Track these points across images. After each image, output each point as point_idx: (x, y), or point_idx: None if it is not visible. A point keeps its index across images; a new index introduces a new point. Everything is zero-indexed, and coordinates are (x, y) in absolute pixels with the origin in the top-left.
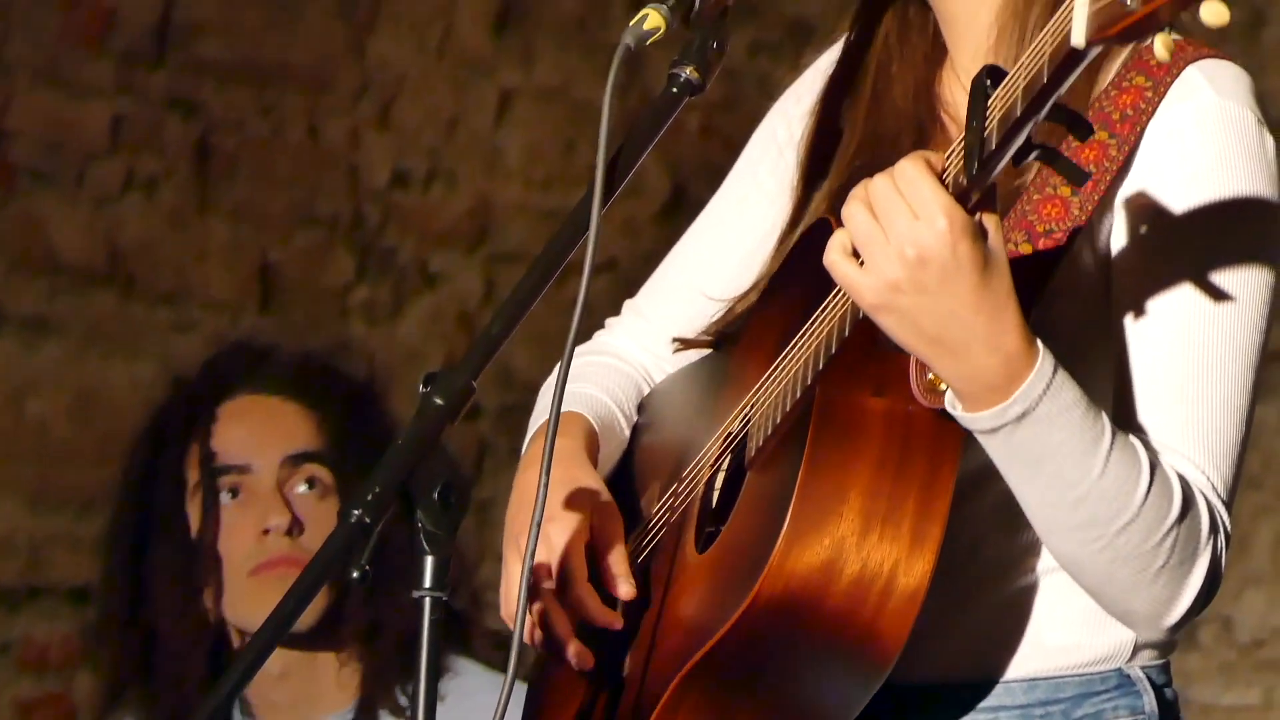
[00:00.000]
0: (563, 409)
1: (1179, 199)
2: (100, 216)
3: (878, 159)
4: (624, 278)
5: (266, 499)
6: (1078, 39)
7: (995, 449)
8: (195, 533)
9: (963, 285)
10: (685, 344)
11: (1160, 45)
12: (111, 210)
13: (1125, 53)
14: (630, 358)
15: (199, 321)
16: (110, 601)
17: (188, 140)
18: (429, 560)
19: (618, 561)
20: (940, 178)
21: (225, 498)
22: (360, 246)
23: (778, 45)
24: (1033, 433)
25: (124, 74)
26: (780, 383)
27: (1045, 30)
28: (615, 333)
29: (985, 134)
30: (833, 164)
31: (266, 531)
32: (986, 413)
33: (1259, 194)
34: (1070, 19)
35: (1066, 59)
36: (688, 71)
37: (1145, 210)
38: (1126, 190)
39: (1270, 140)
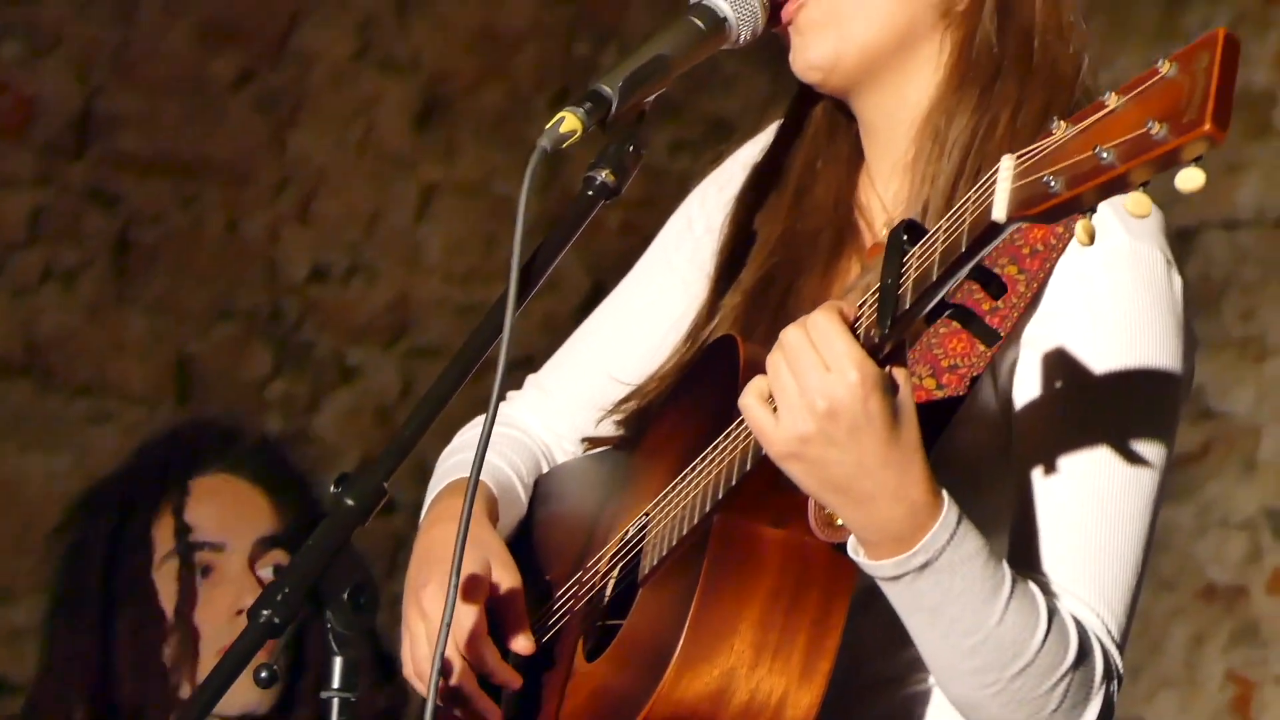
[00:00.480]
0: (458, 477)
1: (1085, 345)
2: (18, 307)
3: (795, 255)
4: None
5: (240, 580)
6: (998, 214)
7: (896, 595)
8: (166, 603)
9: (872, 439)
10: (594, 443)
11: (1081, 230)
12: (29, 301)
13: None
14: (532, 432)
15: (116, 414)
16: (68, 669)
17: (107, 232)
18: (338, 661)
19: (517, 619)
20: (853, 328)
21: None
22: (278, 340)
23: (698, 143)
24: (934, 581)
25: (44, 165)
26: (679, 504)
27: (967, 198)
28: (517, 405)
29: (900, 291)
30: (750, 258)
31: (240, 612)
32: (889, 561)
33: (1164, 343)
34: (993, 191)
35: (986, 231)
36: (603, 175)
37: (1050, 352)
38: (1033, 329)
39: (1179, 281)
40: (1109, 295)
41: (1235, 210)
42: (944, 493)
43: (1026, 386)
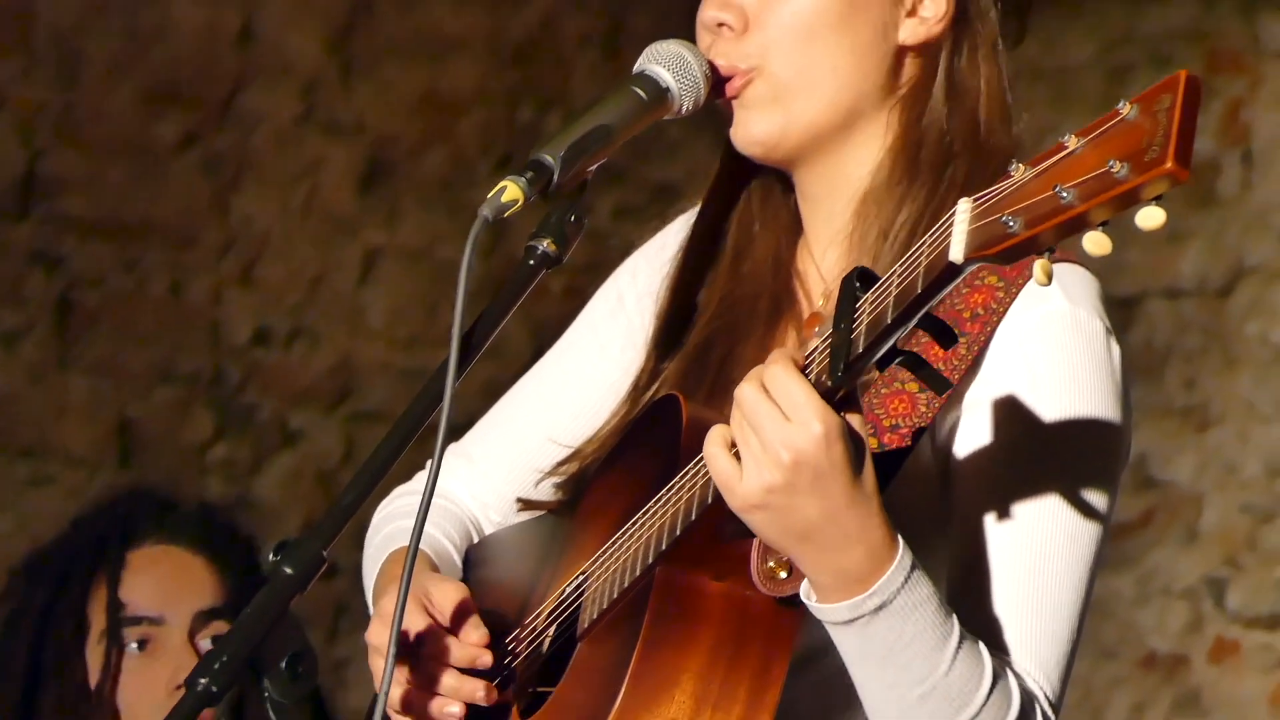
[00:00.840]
0: (396, 546)
1: (1024, 408)
2: None
3: (734, 320)
4: None
5: (178, 654)
6: (956, 255)
7: (847, 640)
8: (94, 682)
9: (836, 486)
10: (527, 505)
11: (1039, 270)
12: None
13: None
14: (460, 501)
15: (58, 477)
16: None
17: (49, 294)
18: None
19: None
20: (806, 376)
21: (132, 648)
22: (220, 403)
23: (642, 209)
24: (887, 625)
25: None
26: (619, 558)
27: (923, 241)
28: (443, 475)
29: (853, 336)
30: (690, 325)
31: (179, 687)
32: (844, 604)
33: (1103, 408)
34: (950, 233)
35: (943, 273)
36: (545, 245)
37: (990, 415)
38: (974, 392)
39: (1117, 349)
40: (1048, 358)
41: (1178, 279)
42: (899, 536)
43: (965, 448)
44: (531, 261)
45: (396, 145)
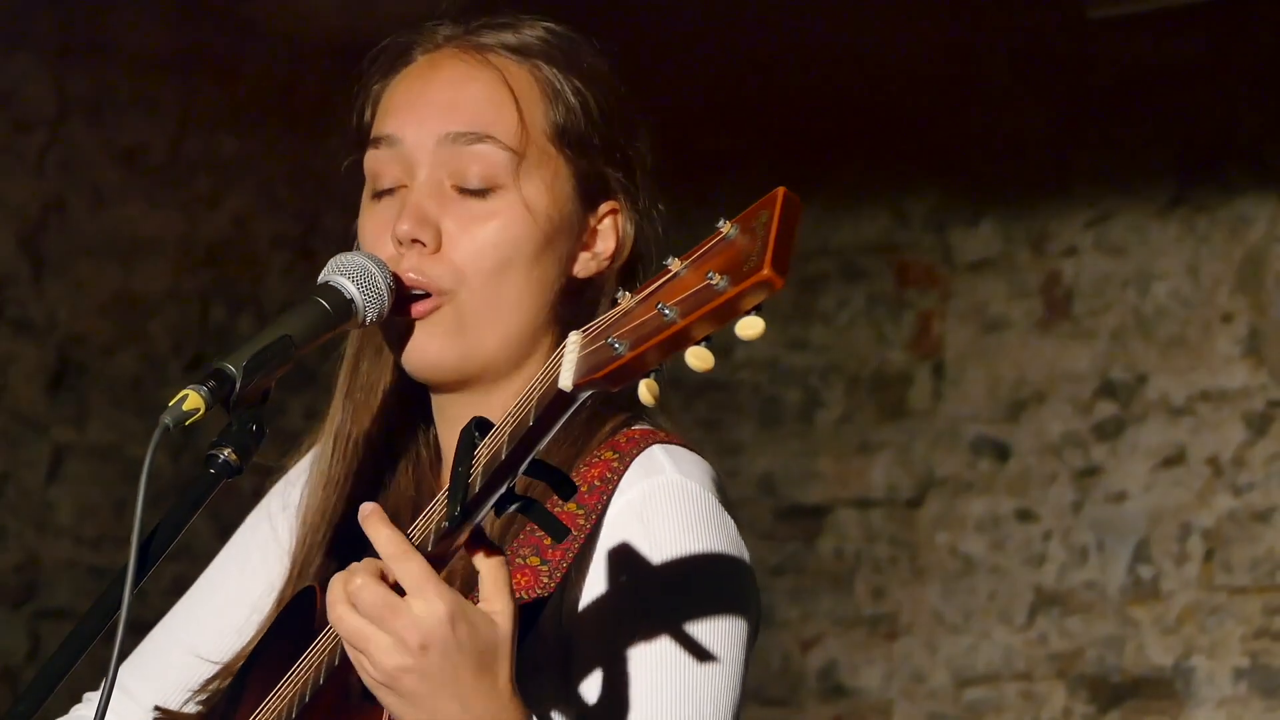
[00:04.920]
0: None
1: (643, 567)
2: None
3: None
4: None
5: None
6: (565, 382)
7: None
8: None
9: (464, 669)
10: (167, 715)
11: (645, 390)
12: None
13: (605, 429)
14: None
15: None
16: None
17: None
18: None
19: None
20: (422, 550)
21: None
22: None
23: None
24: None
25: None
26: None
27: (535, 379)
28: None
29: (470, 479)
30: (337, 534)
31: None
32: None
33: (722, 554)
34: (560, 364)
35: (553, 402)
36: (226, 454)
37: (611, 580)
38: (595, 560)
39: (730, 519)
40: (662, 516)
41: (868, 489)
42: (533, 715)
43: (589, 615)
44: (212, 470)
45: (87, 344)
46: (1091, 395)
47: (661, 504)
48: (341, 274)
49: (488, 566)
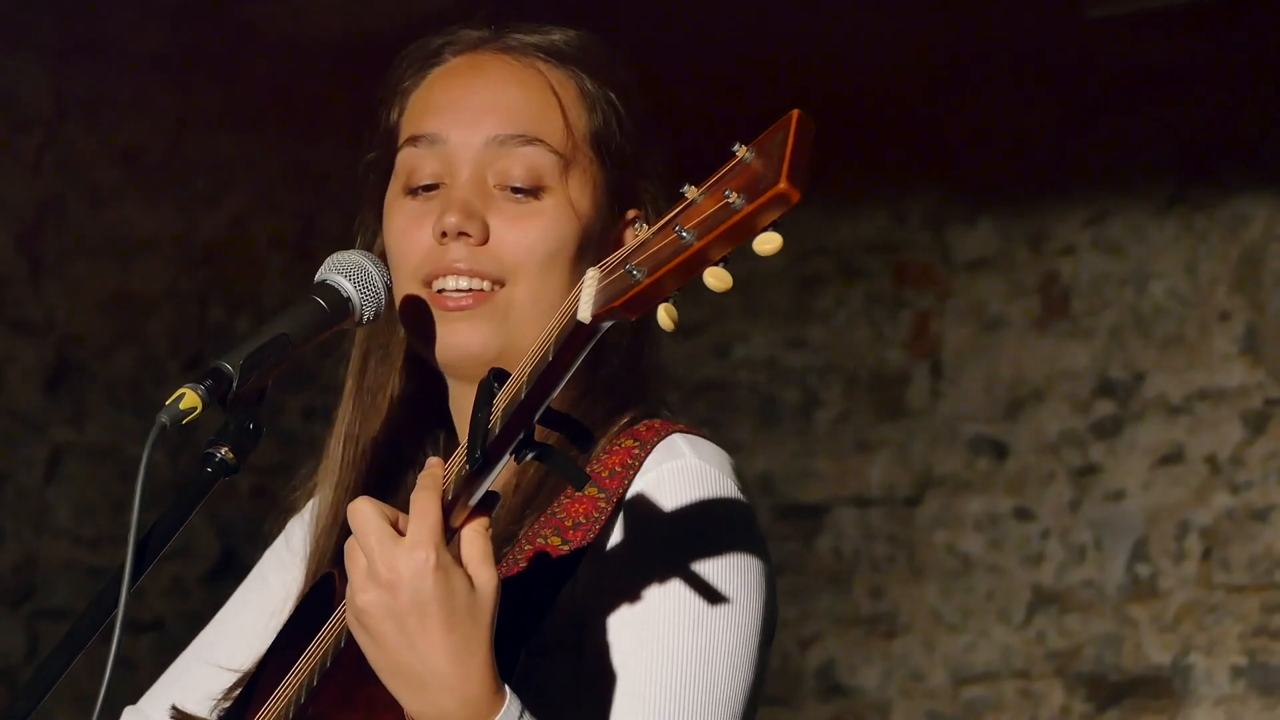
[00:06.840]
0: None
1: (659, 549)
2: None
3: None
4: (169, 637)
5: None
6: (584, 314)
7: None
8: None
9: (432, 622)
10: (181, 715)
11: (664, 315)
12: None
13: (625, 419)
14: None
15: None
16: None
17: None
18: None
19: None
20: (445, 497)
21: None
22: None
23: (331, 410)
24: None
25: None
26: (277, 708)
27: (555, 318)
28: None
29: (490, 424)
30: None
31: None
32: None
33: (738, 535)
34: (579, 299)
35: (573, 335)
36: (222, 452)
37: (627, 560)
38: (613, 541)
39: (748, 505)
40: (679, 498)
41: (866, 488)
42: (506, 688)
43: (606, 594)
44: (209, 469)
45: (85, 344)
46: (1089, 394)
47: (680, 487)
48: (338, 272)
49: (471, 535)
